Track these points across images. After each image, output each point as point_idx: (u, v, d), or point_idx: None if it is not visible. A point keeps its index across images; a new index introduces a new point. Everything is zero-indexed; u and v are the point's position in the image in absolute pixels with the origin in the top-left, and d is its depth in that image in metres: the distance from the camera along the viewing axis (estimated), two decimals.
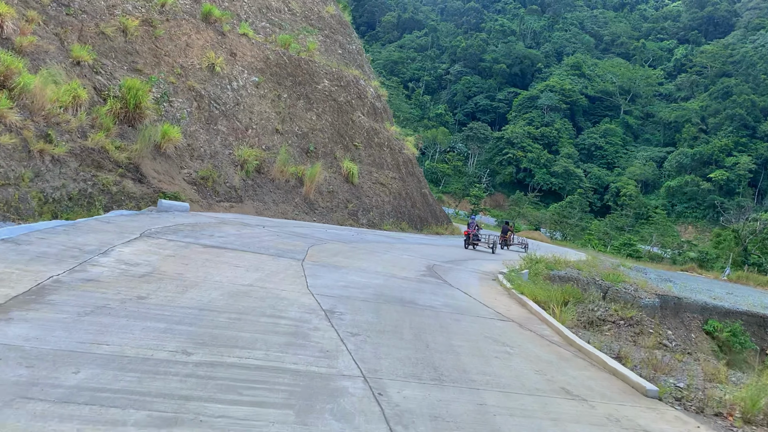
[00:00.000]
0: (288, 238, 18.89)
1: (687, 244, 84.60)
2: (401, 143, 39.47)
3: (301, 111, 33.03)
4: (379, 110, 39.29)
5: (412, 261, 19.46)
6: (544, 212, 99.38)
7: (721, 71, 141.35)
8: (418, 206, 36.71)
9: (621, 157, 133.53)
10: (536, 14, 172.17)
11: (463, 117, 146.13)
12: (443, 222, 39.70)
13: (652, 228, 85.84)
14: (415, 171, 39.44)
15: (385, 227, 32.25)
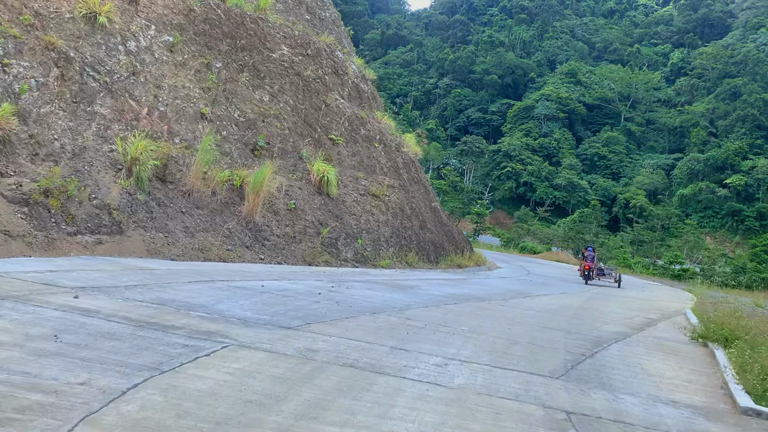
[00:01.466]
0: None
1: (723, 257, 72.69)
2: (399, 140, 27.27)
3: (245, 88, 20.79)
4: (365, 94, 27.16)
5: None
6: (555, 229, 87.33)
7: (724, 72, 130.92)
8: (429, 227, 24.32)
9: (626, 166, 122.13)
10: (525, 24, 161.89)
11: (455, 132, 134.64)
12: (463, 247, 27.31)
13: (680, 241, 73.96)
14: (420, 177, 27.14)
15: (382, 263, 19.86)
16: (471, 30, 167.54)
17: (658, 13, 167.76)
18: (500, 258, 42.39)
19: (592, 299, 16.76)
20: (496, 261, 36.89)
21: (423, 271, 20.76)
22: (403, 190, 23.99)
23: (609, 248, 79.96)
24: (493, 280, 20.72)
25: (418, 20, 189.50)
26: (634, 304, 16.90)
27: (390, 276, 16.53)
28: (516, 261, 41.81)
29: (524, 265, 36.39)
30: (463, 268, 24.37)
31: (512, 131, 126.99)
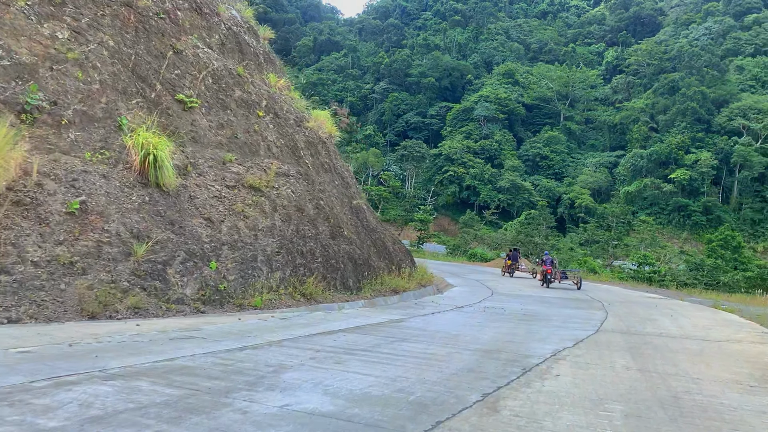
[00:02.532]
0: None
1: (682, 254, 67.09)
2: (303, 115, 18.77)
3: (21, 16, 12.03)
4: (251, 49, 18.60)
5: None
6: (503, 233, 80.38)
7: (659, 68, 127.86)
8: (346, 235, 15.86)
9: (569, 165, 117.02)
10: (459, 27, 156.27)
11: (395, 137, 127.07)
12: (401, 262, 18.97)
13: (636, 239, 67.96)
14: (334, 164, 18.68)
15: (255, 301, 11.25)
16: (405, 34, 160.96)
17: (590, 13, 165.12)
18: (450, 270, 34.46)
19: (659, 359, 8.54)
20: (446, 275, 28.89)
21: (328, 307, 12.29)
22: (306, 181, 15.49)
23: (562, 250, 73.52)
24: (448, 317, 12.40)
25: (351, 26, 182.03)
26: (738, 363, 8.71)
27: (238, 337, 7.97)
28: (469, 273, 33.95)
29: (481, 279, 28.43)
30: (400, 294, 16.03)
31: (452, 134, 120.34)
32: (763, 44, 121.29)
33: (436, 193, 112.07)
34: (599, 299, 20.21)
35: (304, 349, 7.30)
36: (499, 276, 32.11)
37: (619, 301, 19.42)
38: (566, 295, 22.10)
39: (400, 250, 20.20)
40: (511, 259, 33.42)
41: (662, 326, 12.51)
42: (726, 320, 14.52)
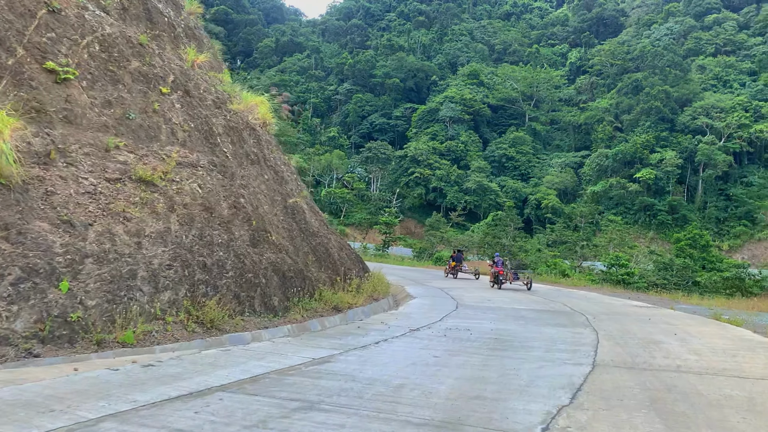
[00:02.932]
0: None
1: (652, 254, 65.30)
2: (225, 96, 15.53)
3: None
4: (162, 19, 15.25)
5: None
6: (470, 235, 77.89)
7: (622, 68, 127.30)
8: (274, 240, 12.67)
9: (534, 166, 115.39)
10: (424, 28, 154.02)
11: (359, 139, 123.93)
12: (348, 272, 15.83)
13: (605, 239, 65.99)
14: (264, 155, 15.39)
15: (126, 335, 8.07)
16: (369, 35, 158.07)
17: (553, 15, 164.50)
18: (413, 276, 31.52)
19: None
20: (408, 283, 25.93)
21: (236, 338, 9.15)
22: (221, 174, 12.31)
23: (529, 252, 71.25)
24: (395, 349, 9.23)
25: (314, 27, 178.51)
26: None
27: (27, 413, 4.79)
28: (433, 279, 31.01)
29: (445, 287, 25.48)
30: (343, 312, 12.94)
31: (418, 135, 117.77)
32: (724, 44, 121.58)
33: (402, 196, 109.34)
34: (581, 310, 17.40)
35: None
36: (467, 283, 29.21)
37: (605, 313, 16.61)
38: (541, 305, 19.29)
39: (349, 256, 17.08)
40: (455, 260, 33.79)
41: (674, 353, 9.66)
42: (743, 339, 11.79)
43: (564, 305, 19.16)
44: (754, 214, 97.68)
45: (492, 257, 27.58)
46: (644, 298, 23.56)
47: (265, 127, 17.03)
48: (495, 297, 21.69)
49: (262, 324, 10.32)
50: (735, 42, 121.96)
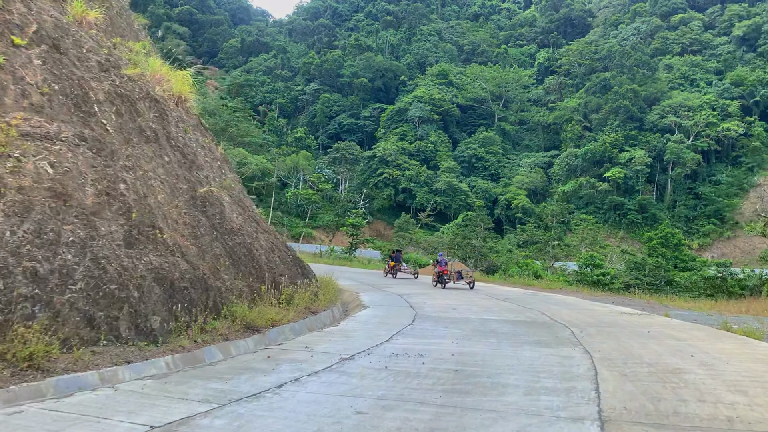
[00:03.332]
0: None
1: (624, 254, 63.39)
2: (117, 60, 12.26)
3: None
4: None
5: None
6: (440, 236, 75.20)
7: (590, 68, 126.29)
8: (163, 239, 9.44)
9: (504, 166, 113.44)
10: (392, 28, 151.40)
11: (327, 139, 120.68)
12: (280, 278, 12.67)
13: (576, 238, 63.89)
14: (170, 134, 12.21)
15: None
16: (337, 35, 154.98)
17: (521, 16, 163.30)
18: (373, 281, 28.51)
19: None
20: (367, 289, 22.93)
21: (66, 384, 6.05)
22: (92, 150, 9.14)
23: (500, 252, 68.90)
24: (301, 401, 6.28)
25: (281, 27, 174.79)
26: None
27: None
28: (396, 284, 28.01)
29: (406, 293, 22.46)
30: (262, 333, 9.87)
31: (387, 136, 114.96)
32: (690, 43, 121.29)
33: (371, 197, 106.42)
34: (563, 321, 14.52)
35: None
36: (431, 288, 26.35)
37: (592, 325, 13.69)
38: (515, 314, 16.44)
39: (283, 259, 13.96)
40: (394, 260, 33.48)
41: (709, 391, 6.68)
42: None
43: (542, 314, 16.33)
44: (722, 212, 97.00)
45: (436, 257, 27.31)
46: (630, 303, 20.87)
47: (181, 103, 13.87)
48: (461, 305, 18.79)
49: (126, 356, 7.21)
50: (701, 41, 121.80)
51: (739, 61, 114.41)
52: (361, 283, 24.86)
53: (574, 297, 23.34)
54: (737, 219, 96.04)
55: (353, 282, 25.02)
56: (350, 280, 25.62)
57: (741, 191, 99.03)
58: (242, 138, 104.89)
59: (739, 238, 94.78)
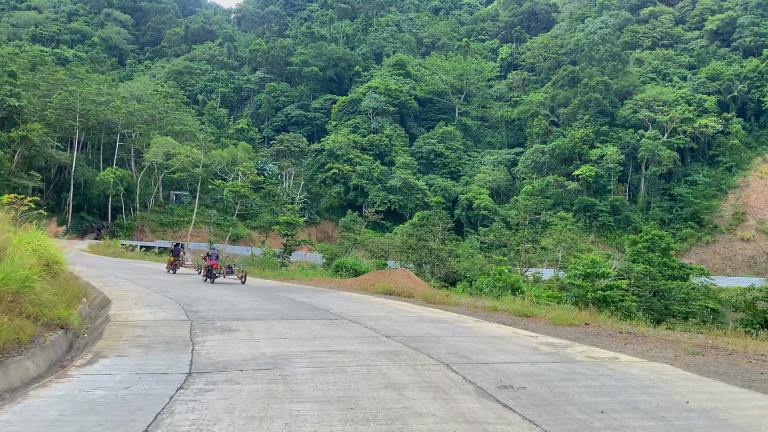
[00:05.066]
0: None
1: (608, 258, 51.71)
2: None
3: None
4: None
5: None
6: (391, 237, 62.59)
7: (556, 62, 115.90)
8: None
9: (465, 164, 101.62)
10: (347, 17, 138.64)
11: (273, 132, 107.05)
12: None
13: (553, 240, 51.91)
14: None
15: None
16: (289, 24, 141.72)
17: (483, 10, 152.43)
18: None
19: None
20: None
21: None
22: None
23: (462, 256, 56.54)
24: None
25: (229, 15, 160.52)
26: None
27: None
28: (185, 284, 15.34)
29: (196, 307, 9.84)
30: None
31: (338, 128, 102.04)
32: (661, 37, 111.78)
33: (319, 195, 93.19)
34: None
35: None
36: (236, 291, 13.77)
37: None
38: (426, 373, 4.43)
39: None
40: (174, 254, 30.37)
41: None
42: None
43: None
44: (700, 215, 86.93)
45: (209, 252, 24.84)
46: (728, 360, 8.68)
47: None
48: (338, 345, 6.54)
49: None
50: (672, 35, 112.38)
51: (712, 56, 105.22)
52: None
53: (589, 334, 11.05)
54: (716, 222, 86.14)
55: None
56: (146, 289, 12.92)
57: (719, 192, 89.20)
58: (172, 127, 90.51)
59: (718, 242, 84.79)
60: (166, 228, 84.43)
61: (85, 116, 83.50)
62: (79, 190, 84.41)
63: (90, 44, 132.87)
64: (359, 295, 19.59)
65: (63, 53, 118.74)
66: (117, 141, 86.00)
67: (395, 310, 14.74)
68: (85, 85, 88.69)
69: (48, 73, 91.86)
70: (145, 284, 19.40)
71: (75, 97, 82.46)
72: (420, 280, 25.97)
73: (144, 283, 19.79)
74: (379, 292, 20.91)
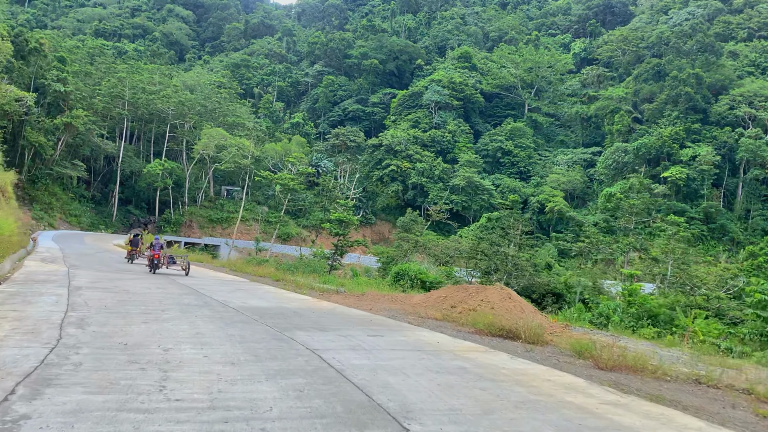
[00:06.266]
0: None
1: (735, 277, 40.97)
2: None
3: None
4: None
5: None
6: (456, 240, 53.43)
7: (637, 56, 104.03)
8: None
9: (536, 163, 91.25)
10: (410, 12, 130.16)
11: (328, 127, 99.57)
12: None
13: (658, 251, 41.63)
14: None
15: None
16: (350, 19, 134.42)
17: (553, 5, 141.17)
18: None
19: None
20: None
21: None
22: None
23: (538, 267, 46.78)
24: None
25: (290, 10, 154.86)
26: None
27: None
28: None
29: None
30: None
31: (397, 123, 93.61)
32: (758, 28, 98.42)
33: (375, 195, 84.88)
34: None
35: None
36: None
37: None
38: None
39: None
40: (132, 245, 29.06)
41: None
42: None
43: None
44: None
45: (152, 242, 23.84)
46: None
47: None
48: None
49: None
50: None
51: None
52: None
53: None
54: None
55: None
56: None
57: None
58: (225, 118, 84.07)
59: None
60: (215, 224, 77.80)
61: (134, 105, 78.00)
62: (126, 183, 79.01)
63: (151, 39, 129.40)
64: (452, 341, 10.60)
65: (123, 47, 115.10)
66: (167, 132, 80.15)
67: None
68: (136, 73, 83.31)
69: (101, 62, 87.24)
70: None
71: (124, 84, 77.06)
72: (525, 302, 16.88)
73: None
74: (482, 330, 11.89)
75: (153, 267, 22.26)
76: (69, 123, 66.77)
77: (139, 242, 29.26)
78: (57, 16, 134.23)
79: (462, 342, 10.05)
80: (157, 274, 21.37)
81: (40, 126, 64.82)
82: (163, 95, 78.34)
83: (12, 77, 63.34)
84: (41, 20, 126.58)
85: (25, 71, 66.42)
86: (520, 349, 9.91)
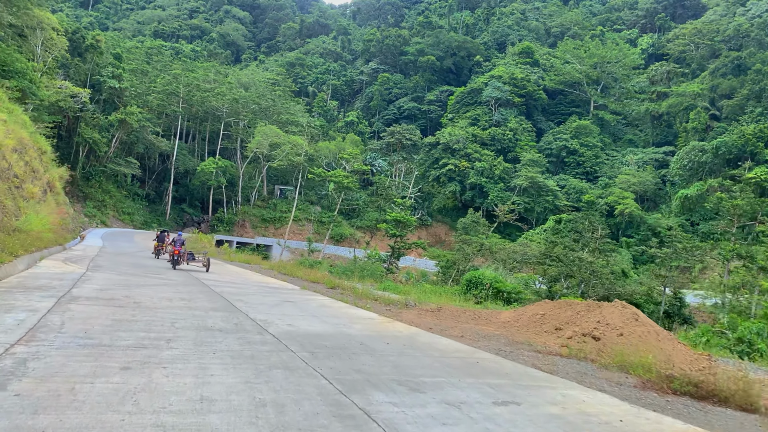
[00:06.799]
0: None
1: None
2: None
3: None
4: None
5: None
6: (524, 243, 48.79)
7: (712, 51, 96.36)
8: None
9: (603, 163, 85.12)
10: (468, 8, 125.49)
11: (383, 126, 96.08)
12: None
13: (764, 258, 36.17)
14: None
15: None
16: (406, 17, 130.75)
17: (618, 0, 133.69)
18: None
19: None
20: None
21: None
22: None
23: (615, 274, 41.65)
24: None
25: (345, 9, 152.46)
26: None
27: None
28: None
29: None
30: None
31: (455, 121, 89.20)
32: None
33: (431, 196, 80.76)
34: None
35: None
36: None
37: None
38: None
39: None
40: (159, 240, 29.51)
41: None
42: None
43: None
44: None
45: (174, 238, 24.51)
46: None
47: None
48: None
49: None
50: None
51: None
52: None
53: None
54: None
55: None
56: None
57: None
58: (279, 116, 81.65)
59: None
60: (267, 224, 75.36)
61: (188, 102, 76.50)
62: (180, 182, 77.60)
63: (208, 40, 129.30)
64: (638, 419, 6.51)
65: (181, 47, 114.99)
66: (221, 130, 78.37)
67: None
68: (191, 70, 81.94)
69: (157, 60, 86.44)
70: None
71: (179, 82, 75.64)
72: (657, 325, 12.57)
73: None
74: (643, 379, 7.73)
75: (174, 262, 22.58)
76: (123, 120, 65.51)
77: (165, 238, 29.98)
78: (118, 18, 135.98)
79: (651, 415, 5.90)
80: (188, 279, 18.01)
81: (95, 122, 63.72)
82: (217, 93, 76.55)
83: (68, 74, 62.48)
84: (104, 23, 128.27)
85: (81, 68, 65.49)
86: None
